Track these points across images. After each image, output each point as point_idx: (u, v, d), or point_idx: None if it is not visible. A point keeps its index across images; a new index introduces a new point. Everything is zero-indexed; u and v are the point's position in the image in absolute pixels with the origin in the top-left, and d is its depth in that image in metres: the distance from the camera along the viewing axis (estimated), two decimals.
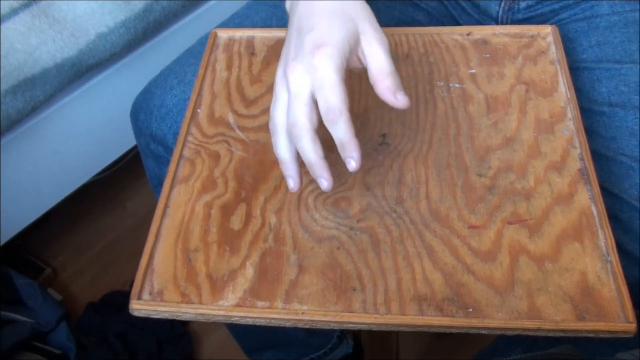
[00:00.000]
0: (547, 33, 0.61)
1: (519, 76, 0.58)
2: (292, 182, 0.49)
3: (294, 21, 0.49)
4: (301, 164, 0.48)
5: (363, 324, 0.43)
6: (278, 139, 0.48)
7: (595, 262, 0.45)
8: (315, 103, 0.45)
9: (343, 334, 0.95)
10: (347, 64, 0.46)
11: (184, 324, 1.10)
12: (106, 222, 1.28)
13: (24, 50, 0.82)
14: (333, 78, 0.45)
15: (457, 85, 0.58)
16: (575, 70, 0.62)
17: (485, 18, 0.70)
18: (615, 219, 0.54)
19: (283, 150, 0.48)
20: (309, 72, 0.45)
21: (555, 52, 0.59)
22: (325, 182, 0.47)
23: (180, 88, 0.64)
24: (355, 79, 0.59)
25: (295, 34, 0.48)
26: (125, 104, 0.72)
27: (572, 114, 0.54)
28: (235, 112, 0.57)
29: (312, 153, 0.46)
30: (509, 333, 0.42)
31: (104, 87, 0.96)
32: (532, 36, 0.61)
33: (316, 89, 0.45)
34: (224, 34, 0.64)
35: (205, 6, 1.05)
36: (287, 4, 0.53)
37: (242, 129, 0.56)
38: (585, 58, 0.63)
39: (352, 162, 0.46)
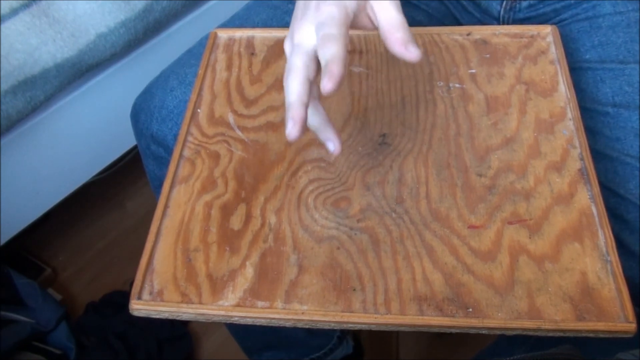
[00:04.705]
0: (547, 33, 0.61)
1: (518, 76, 0.58)
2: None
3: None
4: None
5: (363, 324, 0.43)
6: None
7: (595, 262, 0.45)
8: (316, 58, 0.43)
9: (343, 335, 0.95)
10: (355, 14, 0.45)
11: (184, 324, 1.10)
12: (106, 222, 1.28)
13: (24, 50, 0.82)
14: (336, 15, 0.43)
15: (457, 85, 0.57)
16: (579, 70, 0.62)
17: (486, 17, 0.70)
18: (621, 220, 0.54)
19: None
20: (313, 22, 0.44)
21: (555, 52, 0.59)
22: (291, 124, 0.41)
23: (181, 89, 0.64)
24: (355, 78, 0.59)
25: (302, 5, 0.47)
26: (125, 104, 0.72)
27: (572, 114, 0.54)
28: (235, 112, 0.57)
29: (294, 94, 0.42)
30: (509, 333, 0.42)
31: (104, 87, 0.96)
32: (532, 36, 0.61)
33: (318, 28, 0.43)
34: (224, 34, 0.64)
35: (205, 6, 1.05)
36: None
37: (242, 129, 0.56)
38: (588, 58, 0.62)
39: (329, 84, 0.39)
